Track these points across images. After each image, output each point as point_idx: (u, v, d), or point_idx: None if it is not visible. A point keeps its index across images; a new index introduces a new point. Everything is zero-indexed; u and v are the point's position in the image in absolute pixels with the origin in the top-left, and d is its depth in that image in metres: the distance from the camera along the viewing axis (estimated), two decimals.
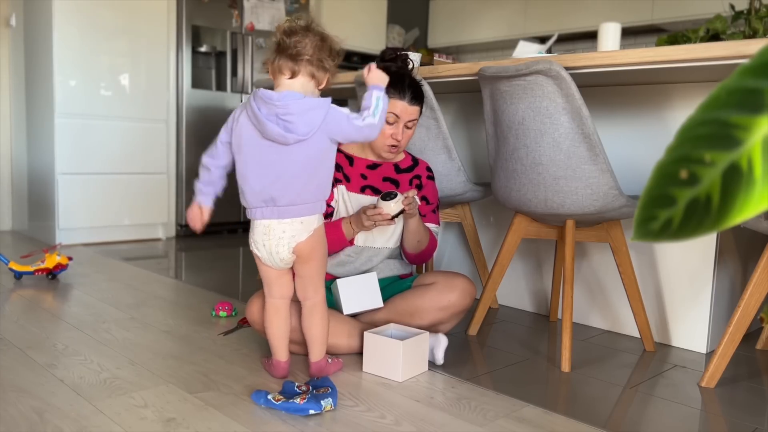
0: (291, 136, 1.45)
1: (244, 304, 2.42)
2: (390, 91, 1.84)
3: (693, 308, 2.06)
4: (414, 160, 2.02)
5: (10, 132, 4.04)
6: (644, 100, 2.13)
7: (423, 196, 1.99)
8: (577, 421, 1.47)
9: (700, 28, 2.66)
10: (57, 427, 1.33)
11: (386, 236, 1.92)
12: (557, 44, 5.18)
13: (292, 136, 1.45)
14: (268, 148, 1.49)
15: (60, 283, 2.64)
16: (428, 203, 2.01)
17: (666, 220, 0.40)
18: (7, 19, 3.94)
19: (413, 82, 1.90)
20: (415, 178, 1.99)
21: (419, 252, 1.96)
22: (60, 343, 1.88)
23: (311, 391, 1.48)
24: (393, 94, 1.85)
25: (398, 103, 1.85)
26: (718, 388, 1.73)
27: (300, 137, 1.45)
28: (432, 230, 1.99)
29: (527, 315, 2.46)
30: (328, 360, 1.68)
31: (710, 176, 0.39)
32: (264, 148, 1.49)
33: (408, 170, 1.99)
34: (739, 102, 0.38)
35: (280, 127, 1.45)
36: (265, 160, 1.50)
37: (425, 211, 1.99)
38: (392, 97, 1.85)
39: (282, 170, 1.49)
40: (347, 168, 1.94)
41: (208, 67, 4.22)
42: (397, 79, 1.86)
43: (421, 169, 2.02)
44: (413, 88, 1.87)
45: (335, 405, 1.45)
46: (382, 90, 1.56)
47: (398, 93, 1.85)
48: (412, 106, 1.86)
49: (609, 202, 1.79)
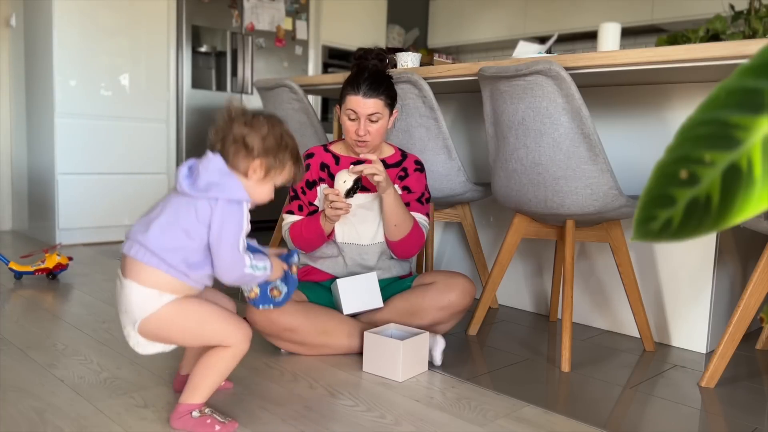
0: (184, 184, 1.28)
1: (244, 304, 2.42)
2: (347, 88, 1.86)
3: (693, 308, 2.06)
4: (403, 155, 2.01)
5: (10, 132, 4.04)
6: (644, 100, 2.13)
7: (405, 186, 1.97)
8: (577, 421, 1.47)
9: (700, 28, 2.67)
10: (57, 427, 1.33)
11: (373, 232, 1.91)
12: (557, 44, 5.18)
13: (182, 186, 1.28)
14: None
15: (60, 283, 2.64)
16: (410, 192, 1.97)
17: (666, 220, 0.40)
18: (7, 19, 3.94)
19: (374, 75, 1.86)
20: (401, 171, 1.98)
21: (400, 240, 1.89)
22: (60, 343, 1.88)
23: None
24: (348, 90, 1.85)
25: (352, 98, 1.84)
26: (718, 388, 1.73)
27: (188, 191, 1.27)
28: (418, 220, 1.95)
29: (527, 315, 2.46)
30: (193, 412, 1.33)
31: (710, 176, 0.39)
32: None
33: (396, 165, 1.98)
34: (739, 102, 0.38)
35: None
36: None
37: (407, 200, 1.97)
38: (348, 94, 1.85)
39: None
40: (333, 167, 1.95)
41: (208, 67, 4.22)
42: (354, 75, 1.87)
43: (409, 162, 2.00)
44: (370, 82, 1.83)
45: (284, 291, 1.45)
46: (266, 273, 1.37)
47: (353, 88, 1.84)
48: (366, 99, 1.82)
49: (609, 202, 1.79)
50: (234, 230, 1.27)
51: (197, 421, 1.32)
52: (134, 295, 1.26)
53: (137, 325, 1.28)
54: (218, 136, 1.33)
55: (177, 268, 1.26)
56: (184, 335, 1.32)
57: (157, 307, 1.27)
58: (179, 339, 1.33)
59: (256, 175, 1.33)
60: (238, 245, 1.28)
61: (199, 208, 1.26)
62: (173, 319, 1.28)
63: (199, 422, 1.32)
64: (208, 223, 1.26)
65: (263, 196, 1.36)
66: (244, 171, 1.32)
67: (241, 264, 1.29)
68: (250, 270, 1.31)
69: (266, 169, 1.33)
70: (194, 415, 1.33)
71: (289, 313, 1.75)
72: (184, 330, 1.30)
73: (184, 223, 1.26)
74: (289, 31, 4.46)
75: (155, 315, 1.27)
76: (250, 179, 1.32)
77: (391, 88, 1.89)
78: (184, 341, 1.34)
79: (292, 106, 2.61)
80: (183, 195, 1.28)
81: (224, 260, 1.28)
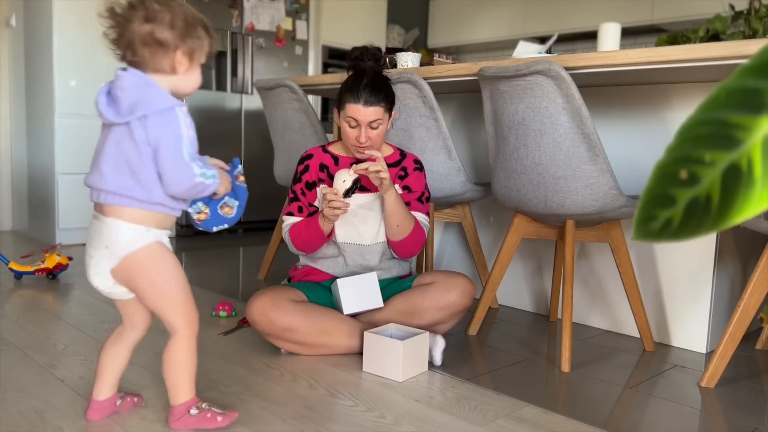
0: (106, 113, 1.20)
1: (244, 304, 2.42)
2: (346, 95, 1.82)
3: (693, 308, 2.06)
4: (402, 154, 2.01)
5: (10, 132, 4.04)
6: (644, 100, 2.13)
7: (405, 186, 1.98)
8: (577, 421, 1.47)
9: (700, 28, 2.67)
10: (57, 427, 1.33)
11: (374, 232, 1.91)
12: (557, 44, 5.18)
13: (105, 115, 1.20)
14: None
15: (60, 283, 2.64)
16: (410, 192, 1.98)
17: (666, 220, 0.40)
18: (7, 19, 3.94)
19: (373, 81, 1.83)
20: (401, 170, 1.98)
21: (402, 240, 1.90)
22: (60, 343, 1.88)
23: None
24: (348, 97, 1.81)
25: (352, 106, 1.81)
26: (718, 388, 1.73)
27: (115, 120, 1.19)
28: (419, 219, 1.96)
29: (527, 315, 2.46)
30: (191, 410, 1.32)
31: (710, 176, 0.39)
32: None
33: (395, 164, 1.98)
34: (739, 102, 0.38)
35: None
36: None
37: (407, 199, 1.97)
38: (347, 101, 1.81)
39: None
40: (333, 168, 1.95)
41: (208, 67, 4.22)
42: (353, 81, 1.83)
43: (408, 161, 2.00)
44: (370, 89, 1.80)
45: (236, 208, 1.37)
46: (216, 182, 1.27)
47: (352, 96, 1.81)
48: (367, 108, 1.80)
49: (609, 202, 1.79)
50: (173, 139, 1.17)
51: (198, 418, 1.31)
52: (121, 233, 1.21)
53: (119, 260, 1.22)
54: (123, 43, 1.20)
55: (150, 201, 1.21)
56: (151, 284, 1.25)
57: (145, 242, 1.23)
58: (145, 286, 1.25)
59: (182, 67, 1.22)
60: (182, 153, 1.18)
61: (134, 132, 1.17)
62: (153, 260, 1.24)
63: (200, 418, 1.31)
64: (148, 143, 1.17)
65: (194, 83, 1.26)
66: (169, 68, 1.21)
67: (189, 172, 1.19)
68: (200, 178, 1.21)
69: (189, 56, 1.22)
70: (193, 412, 1.31)
71: (289, 313, 1.75)
72: (155, 277, 1.25)
73: (129, 155, 1.18)
74: (289, 31, 4.46)
75: (141, 251, 1.22)
76: (177, 73, 1.22)
77: (390, 91, 1.87)
78: (146, 291, 1.26)
79: (292, 106, 2.61)
80: (113, 125, 1.20)
81: (170, 172, 1.18)
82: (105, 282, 1.26)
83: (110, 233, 1.22)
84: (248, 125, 4.31)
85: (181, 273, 1.29)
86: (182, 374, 1.31)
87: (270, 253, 2.91)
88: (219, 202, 1.36)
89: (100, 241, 1.24)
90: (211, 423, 1.32)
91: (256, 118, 4.34)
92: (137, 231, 1.22)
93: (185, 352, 1.30)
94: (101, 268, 1.24)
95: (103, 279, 1.26)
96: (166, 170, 1.18)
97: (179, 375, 1.31)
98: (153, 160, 1.18)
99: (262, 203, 4.43)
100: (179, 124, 1.18)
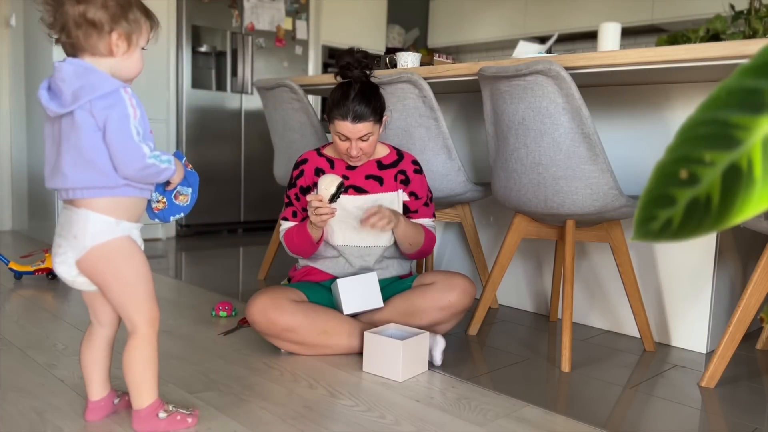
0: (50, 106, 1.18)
1: (244, 304, 2.42)
2: (334, 111, 1.81)
3: (693, 308, 2.06)
4: (399, 154, 2.00)
5: (10, 132, 4.04)
6: (644, 100, 2.13)
7: (411, 192, 1.98)
8: (577, 421, 1.47)
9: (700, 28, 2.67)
10: (57, 427, 1.33)
11: (374, 234, 1.92)
12: (557, 44, 5.18)
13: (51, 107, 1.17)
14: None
15: (60, 283, 2.64)
16: (417, 198, 1.98)
17: (666, 220, 0.40)
18: (7, 19, 3.94)
19: (360, 94, 1.79)
20: (401, 173, 1.97)
21: (416, 252, 1.98)
22: (60, 343, 1.88)
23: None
24: (336, 114, 1.80)
25: (341, 123, 1.80)
26: (718, 388, 1.73)
27: (60, 110, 1.16)
28: (426, 226, 1.98)
29: (527, 315, 2.46)
30: (159, 414, 1.30)
31: (710, 176, 0.39)
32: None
33: (392, 165, 1.98)
34: (739, 102, 0.38)
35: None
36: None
37: (415, 207, 1.98)
38: (336, 118, 1.80)
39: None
40: (328, 171, 1.95)
41: (208, 67, 4.22)
42: (341, 96, 1.80)
43: (406, 163, 1.99)
44: (357, 104, 1.78)
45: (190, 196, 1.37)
46: (172, 167, 1.27)
47: (340, 114, 1.79)
48: (356, 124, 1.79)
49: (609, 202, 1.79)
50: (119, 120, 1.15)
51: (167, 421, 1.30)
52: (91, 224, 1.20)
53: (85, 252, 1.21)
54: (57, 27, 1.18)
55: (116, 185, 1.19)
56: (117, 279, 1.23)
57: (114, 236, 1.22)
58: (110, 279, 1.23)
59: (120, 49, 1.19)
60: (130, 133, 1.16)
61: (81, 120, 1.15)
62: (119, 254, 1.23)
63: (169, 421, 1.30)
64: (97, 127, 1.16)
65: (135, 67, 1.24)
66: (106, 51, 1.18)
67: (139, 152, 1.17)
68: (152, 159, 1.19)
69: (126, 38, 1.20)
70: (161, 416, 1.30)
71: (290, 313, 1.75)
72: (121, 271, 1.23)
73: (81, 144, 1.16)
74: (289, 31, 4.47)
75: (108, 244, 1.21)
76: (115, 56, 1.20)
77: (378, 102, 1.84)
78: (110, 285, 1.24)
79: (292, 106, 2.61)
80: (58, 118, 1.18)
81: (120, 152, 1.16)
82: (69, 271, 1.24)
83: (80, 223, 1.21)
84: (248, 125, 4.32)
85: (147, 270, 1.28)
86: (146, 375, 1.28)
87: (270, 253, 2.92)
88: (173, 192, 1.36)
89: (69, 230, 1.22)
90: (181, 425, 1.31)
91: (256, 118, 4.34)
92: (107, 223, 1.21)
93: (147, 352, 1.27)
94: (67, 257, 1.23)
95: (67, 267, 1.23)
96: (115, 152, 1.16)
97: (143, 376, 1.28)
98: (105, 144, 1.17)
99: (262, 203, 4.43)
100: (125, 104, 1.17)
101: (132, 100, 1.18)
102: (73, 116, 1.16)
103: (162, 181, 1.30)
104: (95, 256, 1.21)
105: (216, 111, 4.14)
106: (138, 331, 1.26)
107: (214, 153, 4.15)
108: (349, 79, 1.84)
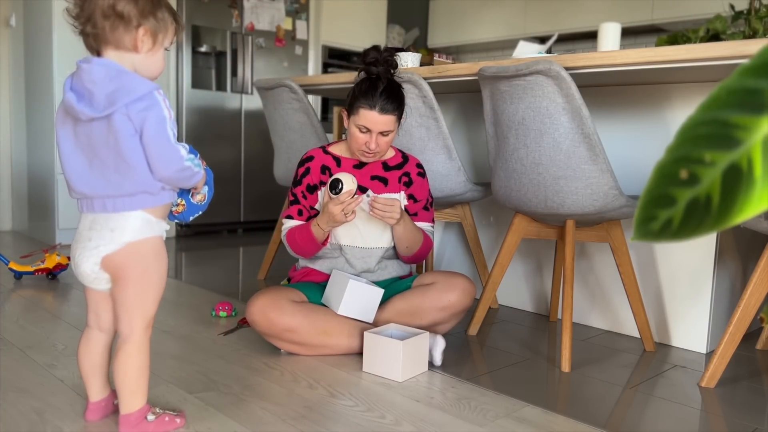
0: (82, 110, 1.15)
1: (244, 304, 2.42)
2: (360, 100, 1.80)
3: (693, 308, 2.06)
4: (404, 157, 2.00)
5: (10, 132, 4.04)
6: (644, 100, 2.13)
7: (410, 194, 1.98)
8: (577, 421, 1.47)
9: (700, 28, 2.66)
10: (57, 427, 1.33)
11: (377, 235, 1.92)
12: (557, 44, 5.18)
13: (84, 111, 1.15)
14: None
15: (60, 283, 2.64)
16: (415, 201, 1.98)
17: (666, 220, 0.40)
18: (7, 19, 3.94)
19: (388, 88, 1.80)
20: (404, 176, 1.98)
21: (412, 255, 1.97)
22: (60, 343, 1.88)
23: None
24: (363, 104, 1.79)
25: (367, 113, 1.78)
26: (718, 388, 1.73)
27: (94, 114, 1.14)
28: (425, 230, 1.98)
29: (527, 315, 2.46)
30: (147, 416, 1.28)
31: (710, 176, 0.38)
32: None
33: (397, 167, 1.98)
34: (739, 102, 0.38)
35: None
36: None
37: (414, 210, 1.98)
38: (362, 107, 1.79)
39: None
40: (335, 169, 1.95)
41: (208, 67, 4.22)
42: (369, 87, 1.80)
43: (410, 166, 1.99)
44: (385, 97, 1.78)
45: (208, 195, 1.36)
46: (202, 172, 1.28)
47: (368, 103, 1.78)
48: (382, 116, 1.78)
49: (609, 202, 1.79)
50: (158, 122, 1.14)
51: (156, 423, 1.29)
52: (132, 219, 1.20)
53: (120, 247, 1.19)
54: (83, 18, 1.15)
55: (154, 190, 1.20)
56: (142, 277, 1.22)
57: (151, 234, 1.22)
58: (134, 277, 1.22)
59: (145, 46, 1.18)
60: (168, 135, 1.15)
61: (120, 125, 1.13)
62: (153, 254, 1.23)
63: (158, 423, 1.29)
64: (135, 131, 1.14)
65: (158, 66, 1.22)
66: (131, 45, 1.17)
67: (177, 154, 1.17)
68: (188, 162, 1.19)
69: (152, 35, 1.18)
70: (150, 418, 1.29)
71: (289, 313, 1.75)
72: (148, 270, 1.23)
73: (125, 150, 1.14)
74: (289, 31, 4.46)
75: (146, 241, 1.21)
76: (140, 52, 1.18)
77: (403, 100, 1.86)
78: (132, 283, 1.22)
79: (292, 106, 2.61)
80: (88, 122, 1.15)
81: (159, 155, 1.16)
82: (92, 267, 1.22)
83: (119, 218, 1.20)
84: (248, 125, 4.32)
85: (166, 275, 1.29)
86: (140, 381, 1.27)
87: (270, 253, 2.92)
88: (190, 192, 1.35)
89: (104, 224, 1.20)
90: (170, 425, 1.31)
91: (256, 118, 4.34)
92: (148, 221, 1.22)
93: (142, 358, 1.26)
94: (98, 250, 1.20)
95: (92, 263, 1.21)
96: (154, 154, 1.15)
97: (137, 382, 1.26)
98: (142, 148, 1.16)
99: (262, 203, 4.43)
100: (161, 106, 1.16)
101: (165, 101, 1.18)
102: (110, 120, 1.14)
103: (190, 186, 1.29)
104: (130, 252, 1.21)
105: (216, 111, 4.14)
106: (134, 335, 1.24)
107: (214, 153, 4.15)
108: (376, 75, 1.83)
